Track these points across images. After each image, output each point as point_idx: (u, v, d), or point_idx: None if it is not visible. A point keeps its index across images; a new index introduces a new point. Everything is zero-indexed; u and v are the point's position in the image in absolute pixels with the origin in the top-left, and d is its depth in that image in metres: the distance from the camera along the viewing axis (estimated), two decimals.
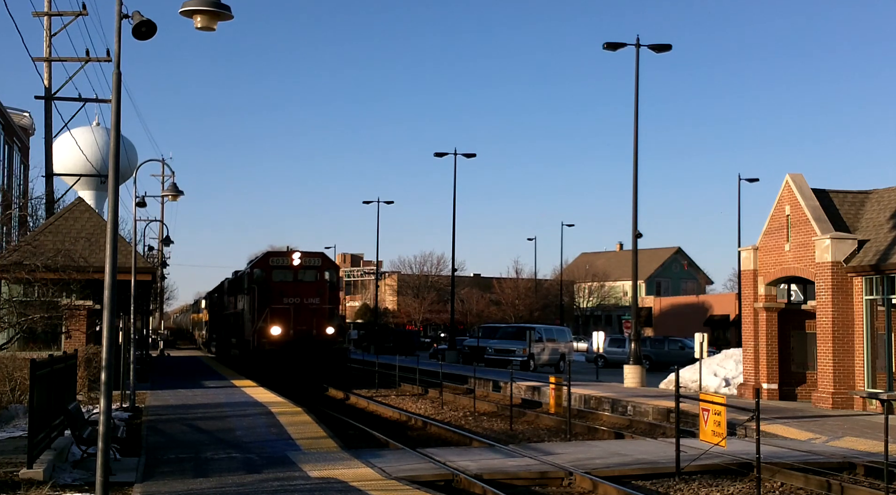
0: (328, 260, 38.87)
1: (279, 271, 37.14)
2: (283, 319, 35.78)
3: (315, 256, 38.14)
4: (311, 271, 37.58)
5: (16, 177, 44.21)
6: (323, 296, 36.95)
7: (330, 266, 38.64)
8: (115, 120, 11.91)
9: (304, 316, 36.12)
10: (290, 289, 36.24)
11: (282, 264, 37.11)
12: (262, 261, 37.72)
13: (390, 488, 13.56)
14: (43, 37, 37.05)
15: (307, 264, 37.35)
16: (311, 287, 36.78)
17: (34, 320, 24.74)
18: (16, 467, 13.87)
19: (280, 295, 36.06)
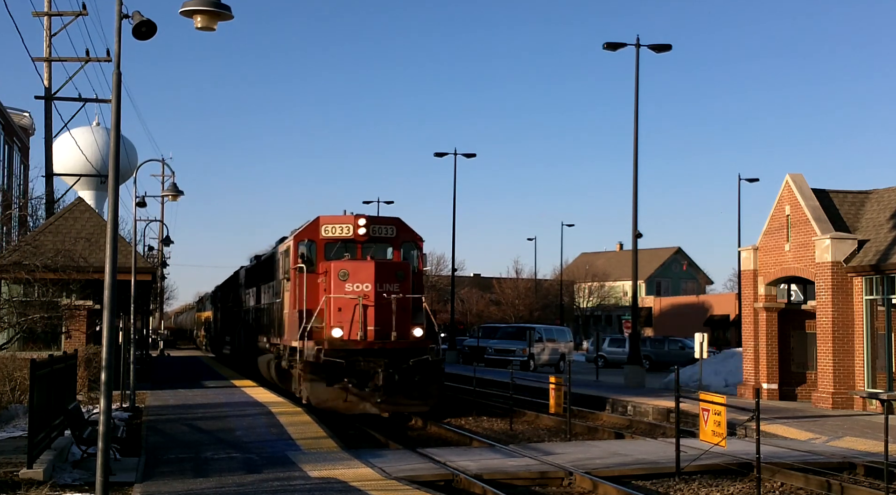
0: (406, 228, 27.10)
1: (337, 245, 26.12)
2: (346, 316, 24.10)
3: (389, 223, 26.96)
4: (384, 245, 26.68)
5: (16, 177, 44.23)
6: (405, 281, 24.77)
7: (409, 237, 27.07)
8: (115, 120, 11.91)
9: (378, 311, 24.15)
10: (355, 272, 24.45)
11: (340, 234, 26.09)
12: (310, 230, 26.27)
13: (390, 488, 13.57)
14: (43, 37, 37.08)
15: (378, 234, 26.43)
16: (386, 269, 24.85)
17: (34, 320, 24.76)
18: (16, 467, 13.87)
19: (341, 279, 24.37)
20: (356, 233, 26.03)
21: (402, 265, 25.35)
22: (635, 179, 35.93)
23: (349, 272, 24.36)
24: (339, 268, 24.46)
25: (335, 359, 23.53)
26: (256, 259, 37.00)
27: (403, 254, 26.50)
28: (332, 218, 26.38)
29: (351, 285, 24.19)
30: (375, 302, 24.11)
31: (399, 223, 27.01)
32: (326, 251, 25.91)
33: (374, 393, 23.70)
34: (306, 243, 26.10)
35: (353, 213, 26.70)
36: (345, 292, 24.17)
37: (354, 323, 23.98)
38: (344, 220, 26.22)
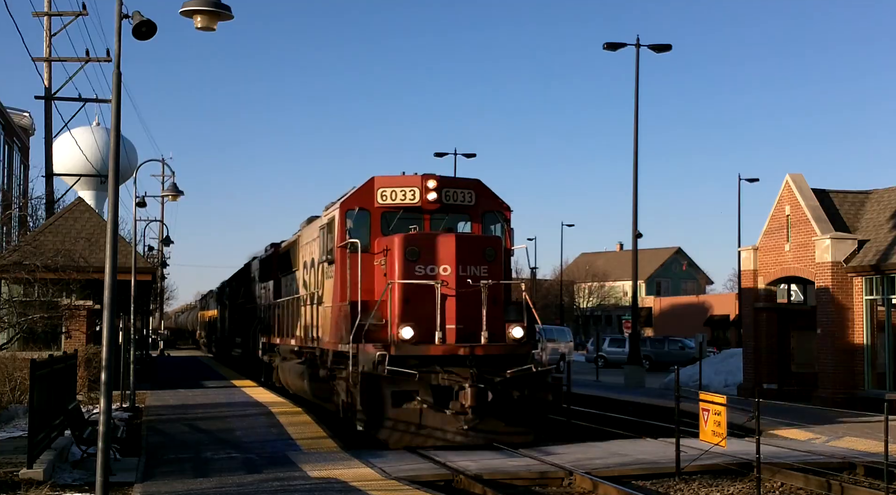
0: (488, 193, 20.67)
1: (397, 216, 19.84)
2: (417, 310, 18.33)
3: (466, 186, 20.35)
4: (460, 216, 20.36)
5: (16, 177, 44.23)
6: (495, 262, 18.99)
7: (493, 205, 20.66)
8: (115, 120, 11.92)
9: (463, 302, 18.42)
10: (429, 248, 18.57)
11: (402, 201, 19.76)
12: (362, 197, 19.95)
13: (390, 488, 13.57)
14: (43, 37, 37.09)
15: (453, 201, 20.00)
16: (472, 244, 18.99)
17: (34, 320, 24.77)
18: (16, 467, 13.88)
19: (410, 259, 18.51)
20: (424, 199, 19.58)
21: (492, 240, 19.26)
22: (635, 179, 35.95)
23: (421, 249, 18.41)
24: (406, 244, 18.41)
25: (405, 369, 17.52)
26: (274, 247, 31.85)
27: (484, 229, 20.34)
28: (392, 179, 19.90)
29: (423, 267, 18.33)
30: (458, 290, 18.22)
31: (479, 186, 20.38)
32: (383, 223, 19.78)
33: (458, 417, 17.69)
34: (357, 213, 19.75)
35: (426, 175, 19.96)
36: (415, 277, 18.25)
37: (430, 319, 18.00)
38: (408, 182, 19.77)
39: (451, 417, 17.87)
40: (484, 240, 19.34)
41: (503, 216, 20.72)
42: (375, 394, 17.86)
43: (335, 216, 20.36)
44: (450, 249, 18.49)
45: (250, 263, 39.63)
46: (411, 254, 18.47)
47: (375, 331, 18.48)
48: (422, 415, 17.93)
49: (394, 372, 17.61)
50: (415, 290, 18.29)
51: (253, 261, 38.80)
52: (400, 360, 17.73)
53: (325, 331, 21.51)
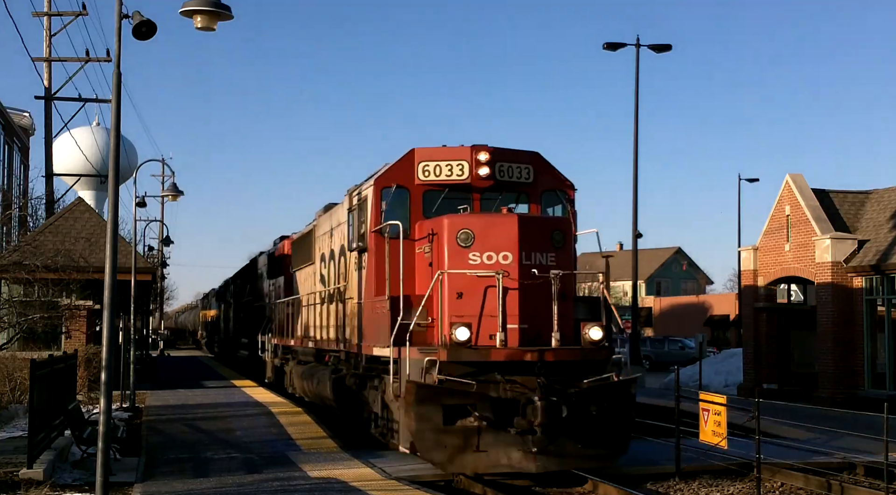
0: (548, 168, 17.68)
1: (442, 195, 16.94)
2: (471, 306, 15.44)
3: (523, 160, 17.30)
4: (516, 194, 17.32)
5: (16, 177, 44.23)
6: (564, 249, 16.01)
7: (554, 182, 17.69)
8: (115, 120, 11.92)
9: (527, 297, 15.39)
10: (485, 232, 15.58)
11: (448, 177, 16.83)
12: (400, 172, 17.03)
13: (390, 488, 13.57)
14: (43, 37, 37.09)
15: (508, 177, 17.05)
16: (537, 227, 15.94)
17: (34, 320, 24.77)
18: (16, 467, 13.88)
19: (461, 245, 15.60)
20: (474, 175, 16.55)
21: (560, 222, 16.33)
22: (635, 179, 35.93)
23: (475, 233, 15.40)
24: (458, 227, 15.52)
25: (460, 378, 14.60)
26: (283, 241, 30.15)
27: (542, 211, 17.44)
28: (436, 151, 16.89)
29: (478, 254, 15.36)
30: (520, 282, 15.23)
31: (538, 160, 17.34)
32: (425, 204, 16.78)
33: (525, 437, 14.44)
34: (394, 192, 16.79)
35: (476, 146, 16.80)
36: (469, 266, 15.29)
37: (487, 317, 15.17)
38: (455, 155, 16.72)
39: (515, 438, 14.50)
40: (551, 222, 16.29)
41: (566, 196, 17.65)
42: (423, 409, 14.49)
43: (368, 195, 17.18)
44: (511, 233, 15.35)
45: (257, 258, 37.31)
46: (464, 239, 15.48)
47: (420, 332, 15.45)
48: (480, 435, 14.55)
49: (449, 382, 14.57)
50: (469, 283, 15.29)
51: (260, 256, 36.48)
52: (452, 368, 14.71)
53: (353, 331, 18.52)
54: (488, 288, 15.32)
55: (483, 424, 14.58)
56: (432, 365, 14.79)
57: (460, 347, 14.79)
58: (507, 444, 14.64)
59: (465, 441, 14.65)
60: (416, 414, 14.59)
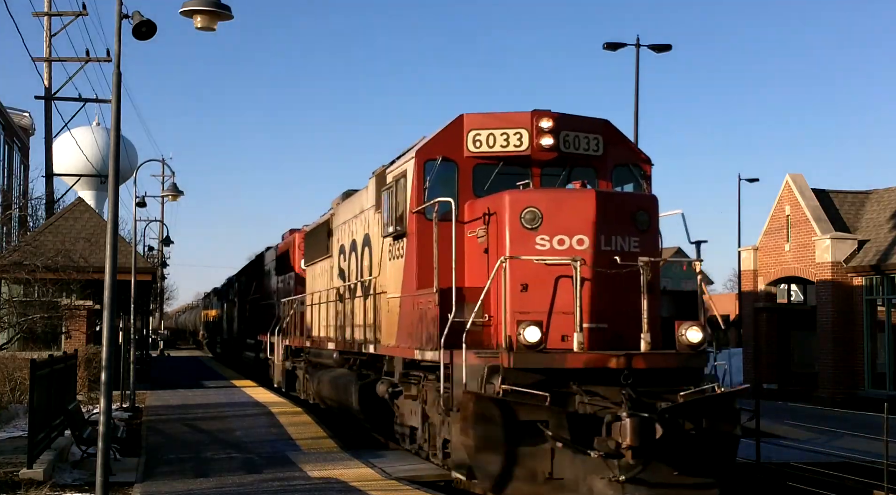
0: (619, 138, 15.21)
1: (496, 170, 14.50)
2: (539, 301, 13.02)
3: (591, 129, 14.75)
4: (585, 169, 14.74)
5: (16, 177, 44.23)
6: (648, 234, 13.64)
7: (627, 155, 15.18)
8: (115, 120, 11.92)
9: (606, 289, 13.05)
10: (556, 210, 13.24)
11: (504, 148, 14.37)
12: (445, 142, 14.57)
13: (390, 488, 13.56)
14: (43, 37, 37.12)
15: (574, 149, 14.52)
16: (615, 206, 13.49)
17: (34, 320, 24.77)
18: (16, 467, 13.88)
19: (526, 227, 13.22)
20: (535, 146, 14.08)
21: (645, 200, 13.86)
22: None
23: (542, 212, 13.05)
24: (520, 205, 13.12)
25: (531, 390, 12.02)
26: (293, 234, 28.29)
27: (626, 183, 15.01)
28: (490, 118, 14.39)
29: (546, 239, 12.96)
30: (594, 270, 12.83)
31: (608, 130, 14.83)
32: (476, 181, 14.36)
33: (609, 462, 11.96)
34: (439, 166, 14.30)
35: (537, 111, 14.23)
36: (536, 251, 12.91)
37: (558, 314, 12.78)
38: (512, 122, 14.24)
39: (598, 462, 11.93)
40: (635, 200, 13.75)
41: (641, 171, 14.96)
42: (484, 426, 11.90)
43: (408, 170, 14.72)
44: (587, 212, 12.94)
45: (263, 254, 35.32)
46: (530, 219, 13.02)
47: (475, 333, 12.84)
48: (554, 459, 11.99)
49: (512, 393, 11.99)
50: (535, 272, 12.82)
51: (267, 251, 34.51)
52: (519, 376, 12.15)
53: (386, 331, 16.06)
54: (559, 278, 12.74)
55: (558, 445, 11.90)
56: (494, 372, 12.28)
57: (529, 351, 12.17)
58: (588, 471, 12.01)
59: (536, 466, 12.01)
60: (476, 432, 11.91)
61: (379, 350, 16.61)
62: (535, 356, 12.24)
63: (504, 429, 11.86)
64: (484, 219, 13.72)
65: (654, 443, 11.77)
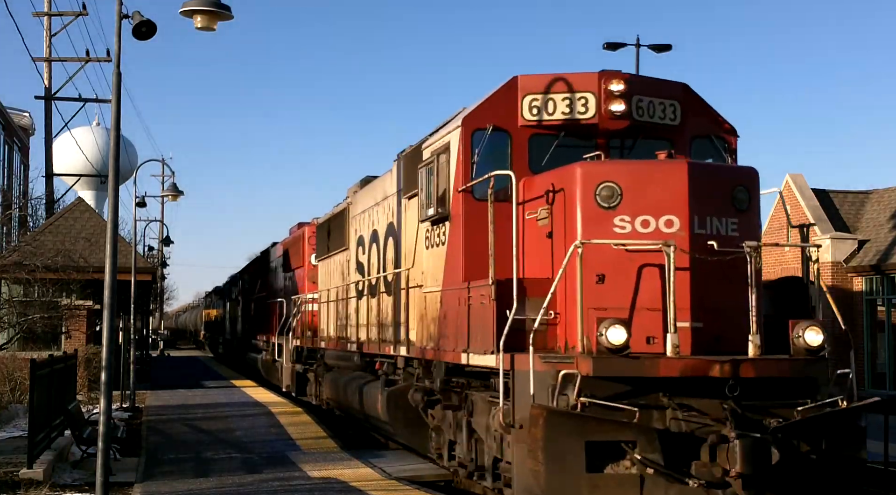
0: (700, 105, 12.93)
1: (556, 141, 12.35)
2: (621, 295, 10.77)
3: (670, 93, 12.58)
4: (659, 141, 12.33)
5: (16, 177, 44.24)
6: (748, 215, 11.28)
7: (709, 125, 12.92)
8: (115, 120, 11.92)
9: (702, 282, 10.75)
10: (640, 186, 10.96)
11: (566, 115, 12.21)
12: (496, 107, 12.41)
13: (390, 488, 13.55)
14: (43, 37, 37.12)
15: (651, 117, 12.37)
16: (711, 181, 11.19)
17: (34, 320, 24.76)
18: (16, 467, 13.89)
19: (603, 206, 10.96)
20: (604, 112, 12.08)
21: (744, 173, 11.65)
22: None
23: (622, 187, 10.97)
24: (594, 179, 11.04)
25: (614, 403, 10.14)
26: (303, 228, 27.02)
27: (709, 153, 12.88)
28: (548, 80, 12.34)
29: (627, 220, 10.90)
30: (691, 257, 10.74)
31: (687, 94, 12.76)
32: (532, 154, 12.34)
33: (714, 493, 9.97)
34: (489, 136, 12.30)
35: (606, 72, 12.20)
36: (615, 235, 10.84)
37: (642, 310, 10.75)
38: (577, 84, 12.20)
39: (698, 493, 9.92)
40: (734, 174, 11.61)
41: (725, 145, 12.95)
42: (557, 447, 9.89)
43: (451, 142, 12.71)
44: (678, 187, 10.86)
45: (269, 250, 33.79)
46: (607, 197, 10.92)
47: (540, 333, 10.59)
48: (644, 489, 9.98)
49: (591, 407, 10.01)
50: (614, 260, 10.75)
51: (273, 246, 32.89)
52: (599, 386, 10.14)
53: (421, 330, 14.07)
54: (643, 267, 10.72)
55: (648, 471, 9.88)
56: (568, 381, 10.13)
57: (613, 356, 10.10)
58: None
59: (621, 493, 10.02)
60: (548, 455, 9.88)
61: (412, 352, 14.54)
62: (621, 362, 10.11)
63: (584, 452, 9.87)
64: (547, 198, 11.52)
65: (769, 471, 9.73)
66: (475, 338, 11.62)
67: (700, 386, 10.28)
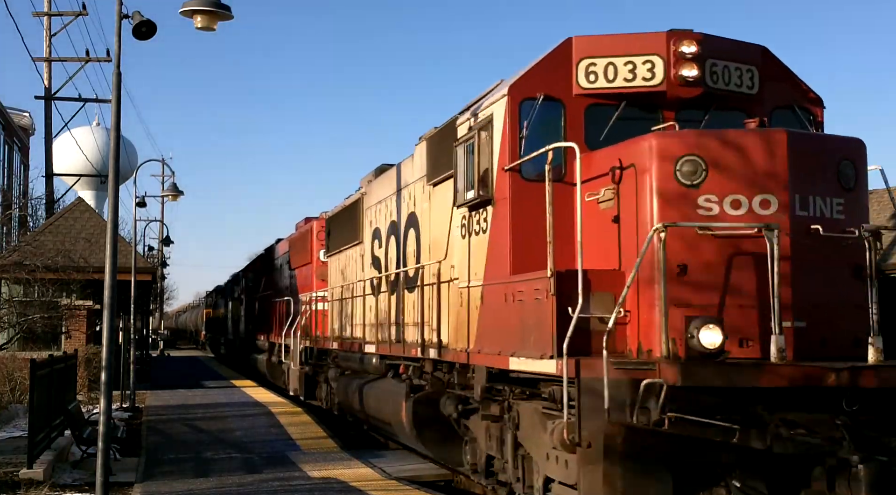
0: (783, 72, 11.37)
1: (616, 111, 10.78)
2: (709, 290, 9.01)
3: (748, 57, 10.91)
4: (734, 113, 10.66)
5: (16, 177, 44.26)
6: (854, 194, 9.78)
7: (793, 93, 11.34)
8: (115, 120, 11.92)
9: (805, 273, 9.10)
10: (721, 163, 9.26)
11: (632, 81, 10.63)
12: (548, 73, 10.85)
13: (390, 488, 13.55)
14: (43, 37, 37.11)
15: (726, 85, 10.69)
16: (814, 154, 9.48)
17: (34, 320, 24.77)
18: (16, 467, 13.89)
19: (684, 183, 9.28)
20: (673, 77, 10.55)
21: (850, 146, 10.08)
22: None
23: (707, 161, 9.36)
24: (673, 152, 9.44)
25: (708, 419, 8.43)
26: (309, 222, 25.95)
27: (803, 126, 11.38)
28: (607, 41, 10.89)
29: (714, 200, 9.29)
30: (794, 247, 9.18)
31: (767, 59, 11.23)
32: (590, 127, 10.86)
33: None
34: (540, 106, 10.83)
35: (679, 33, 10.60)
36: (698, 217, 9.24)
37: (734, 307, 9.10)
38: (639, 46, 10.73)
39: None
40: (839, 146, 9.94)
41: (809, 116, 11.42)
42: (640, 474, 8.60)
43: (495, 114, 11.26)
44: (776, 161, 9.27)
45: (273, 247, 32.60)
46: (689, 173, 9.27)
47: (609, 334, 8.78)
48: None
49: (677, 422, 8.36)
50: (700, 248, 9.10)
51: (278, 243, 31.81)
52: (686, 398, 8.43)
53: (456, 330, 12.42)
54: (734, 256, 9.07)
55: None
56: (651, 393, 8.36)
57: (705, 362, 8.46)
58: None
59: None
60: (629, 481, 8.54)
61: (444, 355, 12.93)
62: (716, 369, 8.41)
63: (674, 478, 8.50)
64: (612, 176, 9.87)
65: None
66: (527, 339, 9.87)
67: (806, 398, 8.58)
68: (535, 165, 10.48)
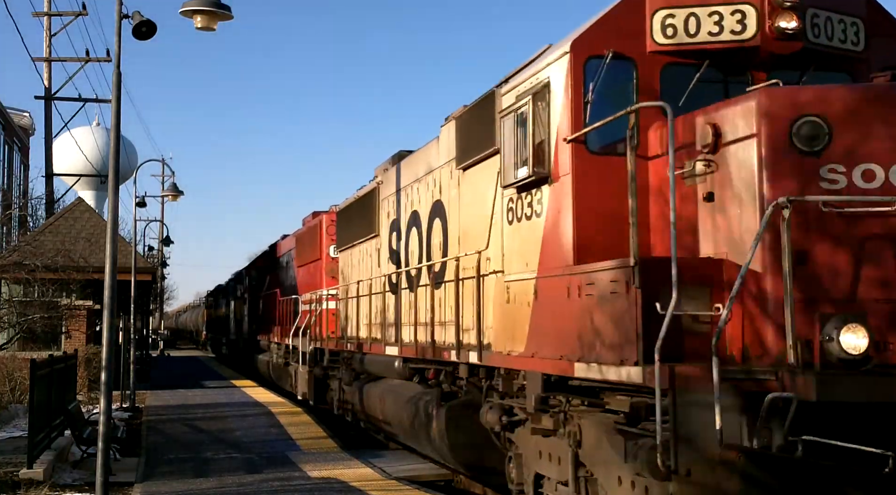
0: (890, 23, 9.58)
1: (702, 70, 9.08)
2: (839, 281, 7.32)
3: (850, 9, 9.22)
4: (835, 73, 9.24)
5: (16, 177, 44.26)
6: None
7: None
8: (115, 120, 11.92)
9: None
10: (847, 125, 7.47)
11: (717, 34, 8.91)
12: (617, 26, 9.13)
13: (390, 488, 13.55)
14: (43, 37, 37.11)
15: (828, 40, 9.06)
16: None
17: (34, 320, 24.77)
18: (16, 467, 13.89)
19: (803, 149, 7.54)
20: (768, 30, 8.89)
21: None
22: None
23: (831, 123, 7.62)
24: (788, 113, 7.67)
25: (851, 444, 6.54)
26: (317, 216, 24.39)
27: None
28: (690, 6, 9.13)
29: (840, 170, 7.56)
30: None
31: (874, 9, 9.67)
32: (667, 88, 9.18)
33: None
34: (609, 66, 9.14)
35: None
36: (820, 190, 7.51)
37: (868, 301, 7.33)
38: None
39: None
40: None
41: None
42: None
43: (552, 77, 9.66)
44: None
45: (278, 243, 31.22)
46: (808, 137, 7.65)
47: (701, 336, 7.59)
48: None
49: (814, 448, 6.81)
50: (826, 229, 7.55)
51: (283, 239, 30.38)
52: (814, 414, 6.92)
53: (502, 331, 10.68)
54: (866, 240, 7.55)
55: None
56: (776, 411, 6.87)
57: (848, 371, 6.92)
58: None
59: None
60: None
61: (487, 359, 11.16)
62: (866, 381, 6.86)
63: None
64: (704, 147, 8.22)
65: None
66: (599, 341, 8.31)
67: None
68: (601, 136, 9.03)
